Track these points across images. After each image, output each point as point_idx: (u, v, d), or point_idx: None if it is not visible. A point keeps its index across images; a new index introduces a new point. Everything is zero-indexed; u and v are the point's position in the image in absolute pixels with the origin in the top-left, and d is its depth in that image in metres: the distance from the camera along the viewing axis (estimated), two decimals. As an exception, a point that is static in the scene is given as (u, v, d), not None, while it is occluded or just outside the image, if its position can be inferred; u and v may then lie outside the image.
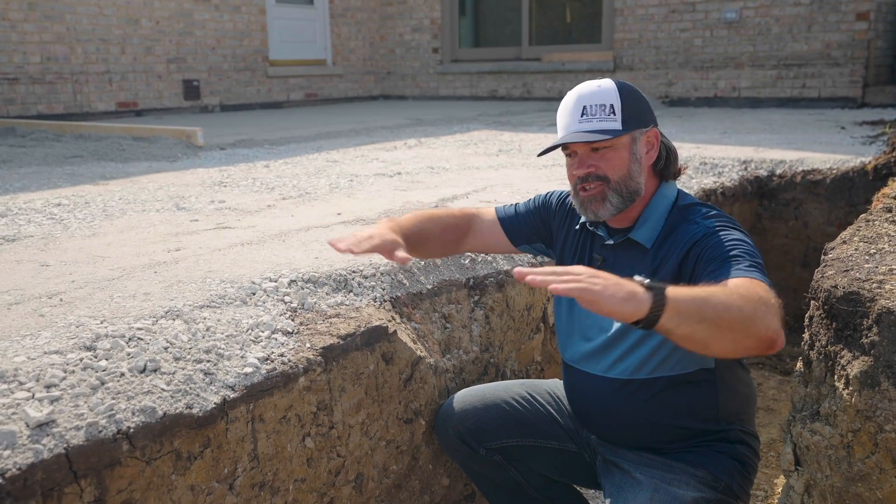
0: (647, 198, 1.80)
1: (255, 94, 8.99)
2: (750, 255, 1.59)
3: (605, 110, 1.73)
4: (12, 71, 6.95)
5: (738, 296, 1.41)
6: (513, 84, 9.47)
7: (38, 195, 3.47)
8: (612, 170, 1.75)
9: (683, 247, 1.70)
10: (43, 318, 1.76)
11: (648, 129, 1.78)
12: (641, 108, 1.77)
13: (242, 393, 1.57)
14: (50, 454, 1.27)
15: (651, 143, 1.79)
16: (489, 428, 2.00)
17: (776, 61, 7.71)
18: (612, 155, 1.75)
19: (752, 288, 1.44)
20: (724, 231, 1.67)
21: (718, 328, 1.38)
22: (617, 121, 1.73)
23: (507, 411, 2.02)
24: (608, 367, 1.83)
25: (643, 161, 1.78)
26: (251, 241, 2.54)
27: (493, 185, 3.64)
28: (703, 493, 1.72)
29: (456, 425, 2.03)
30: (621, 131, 1.72)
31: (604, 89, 1.75)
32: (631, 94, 1.77)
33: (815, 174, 4.13)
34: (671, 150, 1.84)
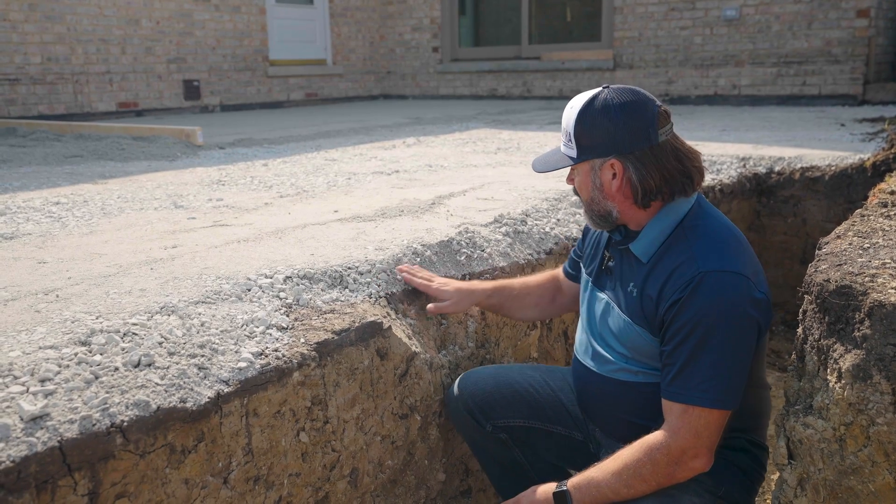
0: (646, 213, 1.76)
1: (255, 93, 9.01)
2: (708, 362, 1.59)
3: (567, 137, 1.77)
4: (13, 71, 6.97)
5: (639, 476, 1.64)
6: (513, 83, 9.48)
7: (38, 194, 3.48)
8: (580, 192, 1.83)
9: (671, 292, 1.65)
10: (39, 313, 1.77)
11: (608, 159, 1.71)
12: (603, 137, 1.69)
13: (236, 387, 1.58)
14: (44, 447, 1.27)
15: (615, 172, 1.72)
16: (498, 406, 2.04)
17: (776, 59, 7.71)
18: (578, 179, 1.81)
19: (656, 456, 1.63)
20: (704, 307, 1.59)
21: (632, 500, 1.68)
22: (573, 149, 1.75)
23: (518, 392, 2.05)
24: (609, 369, 1.84)
25: (606, 190, 1.75)
26: (248, 238, 2.54)
27: (490, 183, 3.65)
28: (702, 498, 1.71)
29: (466, 399, 2.07)
30: (574, 161, 1.76)
31: (571, 111, 1.75)
32: (592, 120, 1.70)
33: (813, 171, 4.13)
34: (633, 183, 1.70)
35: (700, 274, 1.61)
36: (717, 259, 1.63)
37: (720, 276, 1.61)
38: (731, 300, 1.60)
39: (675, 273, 1.66)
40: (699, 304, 1.60)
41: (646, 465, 1.64)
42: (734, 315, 1.60)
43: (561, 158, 1.80)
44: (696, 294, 1.61)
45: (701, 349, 1.60)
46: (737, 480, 1.77)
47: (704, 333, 1.60)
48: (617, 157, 1.71)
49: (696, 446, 1.62)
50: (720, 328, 1.59)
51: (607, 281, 1.87)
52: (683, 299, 1.62)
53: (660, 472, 1.64)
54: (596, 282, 1.90)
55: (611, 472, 1.68)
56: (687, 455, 1.63)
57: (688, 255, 1.66)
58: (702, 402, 1.60)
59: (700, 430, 1.62)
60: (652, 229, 1.75)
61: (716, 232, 1.71)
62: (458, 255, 2.47)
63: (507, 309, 2.21)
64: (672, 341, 1.65)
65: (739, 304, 1.60)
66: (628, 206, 1.76)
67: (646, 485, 1.65)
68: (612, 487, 1.67)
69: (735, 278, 1.61)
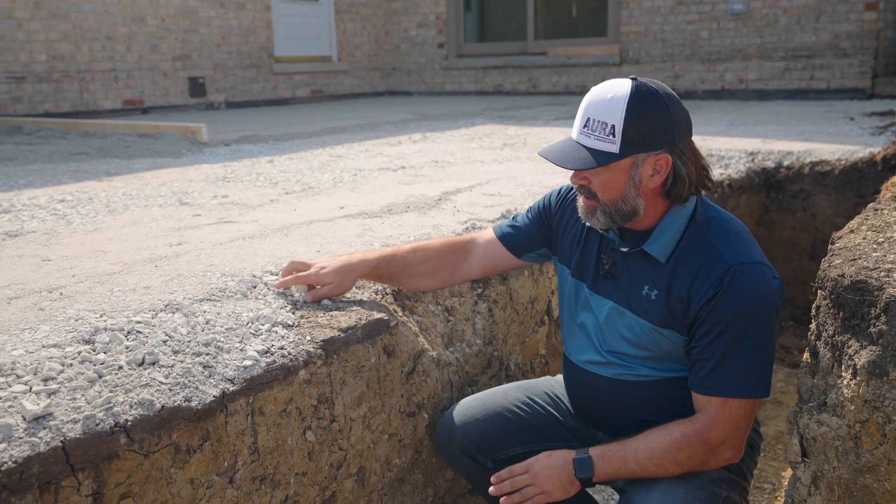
0: (659, 212, 1.70)
1: (260, 91, 8.99)
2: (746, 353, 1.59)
3: (605, 129, 1.59)
4: (19, 69, 6.97)
5: (662, 459, 1.66)
6: (518, 79, 9.44)
7: (43, 191, 3.48)
8: (603, 191, 1.66)
9: (703, 290, 1.62)
10: (42, 311, 1.75)
11: (657, 154, 1.61)
12: (654, 128, 1.59)
13: (242, 386, 1.56)
14: (47, 447, 1.25)
15: (659, 167, 1.63)
16: (494, 439, 1.96)
17: (784, 53, 7.65)
18: (606, 176, 1.64)
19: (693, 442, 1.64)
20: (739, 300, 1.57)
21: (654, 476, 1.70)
22: (615, 143, 1.58)
23: (510, 419, 1.98)
24: (617, 372, 1.81)
25: (643, 185, 1.64)
26: (253, 235, 2.53)
27: (497, 179, 3.62)
28: (719, 473, 1.73)
29: (460, 440, 1.98)
30: (615, 157, 1.59)
31: (613, 102, 1.59)
32: (644, 110, 1.58)
33: (823, 165, 4.09)
34: (681, 176, 1.64)
35: (731, 268, 1.60)
36: (741, 251, 1.62)
37: (749, 267, 1.60)
38: (762, 291, 1.60)
39: (703, 269, 1.63)
40: (734, 297, 1.59)
41: (682, 450, 1.65)
42: (765, 305, 1.60)
43: (598, 155, 1.60)
44: (731, 288, 1.59)
45: (738, 342, 1.60)
46: (746, 455, 1.81)
47: (741, 326, 1.59)
48: (668, 150, 1.62)
49: (734, 437, 1.64)
50: (755, 320, 1.59)
51: (609, 285, 1.79)
52: (720, 294, 1.60)
53: (694, 459, 1.65)
54: (594, 287, 1.83)
55: (641, 449, 1.68)
56: (724, 446, 1.64)
57: (710, 249, 1.64)
58: (742, 394, 1.61)
59: (738, 420, 1.63)
60: (667, 228, 1.69)
61: (728, 224, 1.69)
62: (465, 252, 2.45)
63: (397, 279, 2.04)
64: (707, 337, 1.63)
65: (768, 294, 1.61)
66: (654, 203, 1.69)
67: (677, 467, 1.66)
68: (640, 464, 1.68)
69: (760, 269, 1.61)
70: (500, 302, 2.43)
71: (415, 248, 2.05)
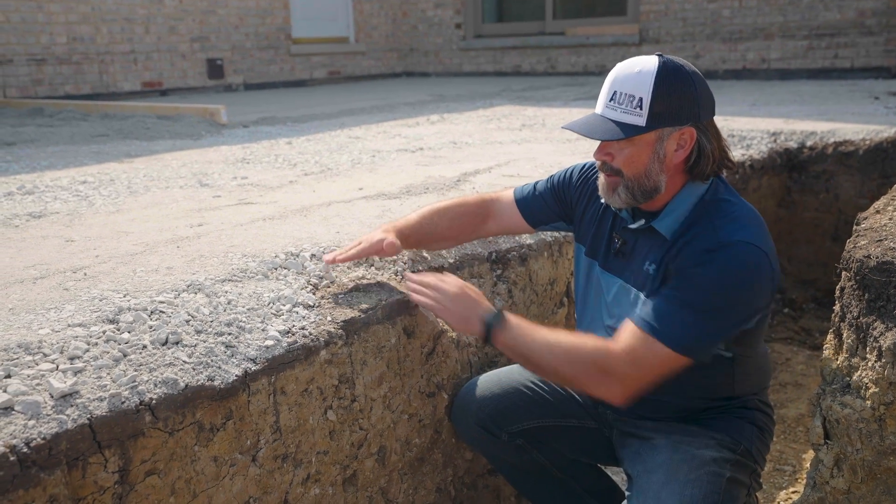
0: (674, 190, 1.70)
1: (278, 72, 8.99)
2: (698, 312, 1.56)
3: (632, 102, 1.60)
4: (39, 52, 7.00)
5: (567, 355, 1.65)
6: (537, 59, 9.36)
7: (65, 173, 3.50)
8: (628, 166, 1.66)
9: (687, 256, 1.62)
10: (67, 291, 1.77)
11: (682, 128, 1.62)
12: (681, 103, 1.60)
13: (264, 365, 1.57)
14: (74, 424, 1.27)
15: (684, 142, 1.64)
16: (509, 412, 1.98)
17: (807, 31, 7.52)
18: (630, 151, 1.64)
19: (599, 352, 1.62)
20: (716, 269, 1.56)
21: (543, 372, 1.75)
22: (642, 116, 1.59)
23: (526, 393, 2.00)
24: None
25: (668, 160, 1.64)
26: (273, 216, 2.54)
27: (516, 160, 3.61)
28: (722, 454, 1.72)
29: (476, 413, 2.01)
30: (643, 129, 1.59)
31: (641, 76, 1.59)
32: (672, 84, 1.59)
33: (847, 145, 4.03)
34: (704, 152, 1.65)
35: (720, 244, 1.58)
36: (740, 232, 1.60)
37: (742, 246, 1.57)
38: (745, 270, 1.56)
39: (695, 241, 1.62)
40: (714, 266, 1.56)
41: (580, 357, 1.64)
42: (743, 286, 1.57)
43: (625, 127, 1.60)
44: (712, 257, 1.57)
45: (696, 299, 1.57)
46: (755, 437, 1.79)
47: (706, 290, 1.57)
48: (694, 125, 1.63)
49: (629, 377, 1.61)
50: (725, 293, 1.56)
51: (620, 264, 1.80)
52: (700, 259, 1.58)
53: (585, 371, 1.64)
54: (605, 265, 1.84)
55: (551, 336, 1.69)
56: (615, 379, 1.61)
57: (709, 227, 1.63)
58: (662, 338, 1.57)
59: (643, 363, 1.59)
60: (678, 205, 1.69)
61: (738, 210, 1.67)
62: (485, 233, 2.44)
63: (425, 245, 2.11)
64: (670, 283, 1.62)
65: (753, 277, 1.57)
66: (674, 181, 1.69)
67: (568, 369, 1.65)
68: (542, 348, 1.68)
69: (754, 250, 1.58)
70: (519, 283, 2.42)
71: (439, 211, 2.06)
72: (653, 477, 1.70)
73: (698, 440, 1.74)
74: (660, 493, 1.66)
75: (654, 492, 1.67)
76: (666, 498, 1.64)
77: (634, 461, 1.79)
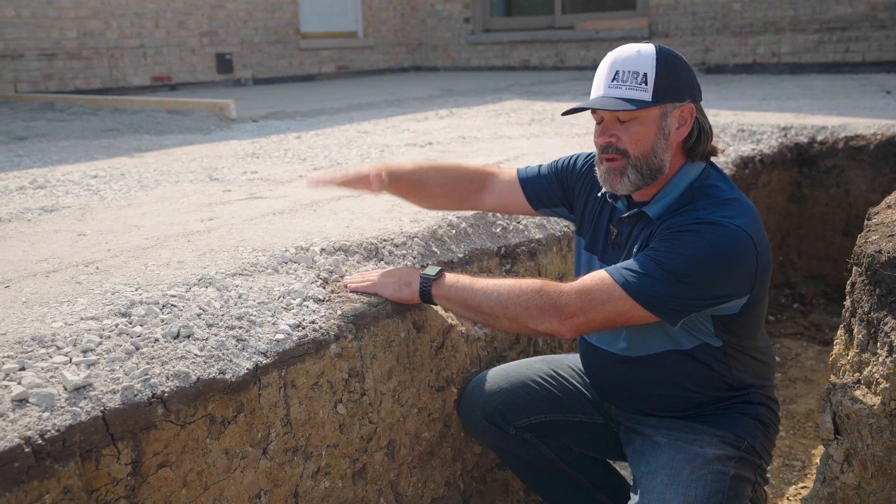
0: (670, 175, 1.73)
1: (286, 66, 9.00)
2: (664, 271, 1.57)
3: (637, 78, 1.64)
4: (50, 46, 7.04)
5: (508, 294, 1.67)
6: (545, 53, 9.34)
7: (76, 167, 3.52)
8: (634, 144, 1.67)
9: (664, 229, 1.65)
10: (80, 285, 1.79)
11: (683, 104, 1.68)
12: (680, 81, 1.67)
13: (274, 359, 1.58)
14: (87, 416, 1.28)
15: (684, 119, 1.69)
16: (517, 406, 1.98)
17: (818, 25, 7.48)
18: (637, 128, 1.66)
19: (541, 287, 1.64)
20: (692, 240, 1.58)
21: (485, 317, 1.74)
22: (647, 91, 1.63)
23: (534, 388, 2.00)
24: (615, 344, 1.82)
25: (671, 137, 1.68)
26: (283, 210, 2.55)
27: (525, 154, 3.60)
28: (725, 451, 1.72)
29: (483, 406, 2.02)
30: (649, 103, 1.63)
31: (642, 55, 1.65)
32: (671, 63, 1.66)
33: (858, 140, 4.01)
34: (704, 129, 1.72)
35: (697, 221, 1.60)
36: (720, 212, 1.62)
37: (722, 224, 1.58)
38: (722, 247, 1.57)
39: (676, 218, 1.65)
40: (690, 238, 1.58)
41: (524, 290, 1.67)
42: (719, 261, 1.57)
43: (631, 101, 1.63)
44: (693, 231, 1.59)
45: (665, 261, 1.58)
46: (759, 433, 1.79)
47: (678, 255, 1.58)
48: (692, 101, 1.69)
49: (579, 311, 1.63)
50: (696, 262, 1.57)
51: (616, 256, 1.81)
52: (677, 230, 1.61)
53: (528, 304, 1.65)
54: (603, 258, 1.86)
55: (488, 280, 1.74)
56: (564, 310, 1.63)
57: (691, 209, 1.66)
58: (626, 286, 1.59)
59: (596, 302, 1.61)
60: (671, 190, 1.72)
61: (725, 192, 1.69)
62: (494, 227, 2.45)
63: (414, 193, 2.07)
64: (646, 250, 1.64)
65: (730, 254, 1.57)
66: (675, 161, 1.72)
67: (511, 306, 1.67)
68: (479, 289, 1.72)
69: (737, 232, 1.58)
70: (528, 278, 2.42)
71: (434, 167, 2.09)
72: (656, 478, 1.70)
73: (701, 438, 1.74)
74: (664, 493, 1.65)
75: (658, 493, 1.67)
76: (670, 498, 1.64)
77: (638, 461, 1.79)
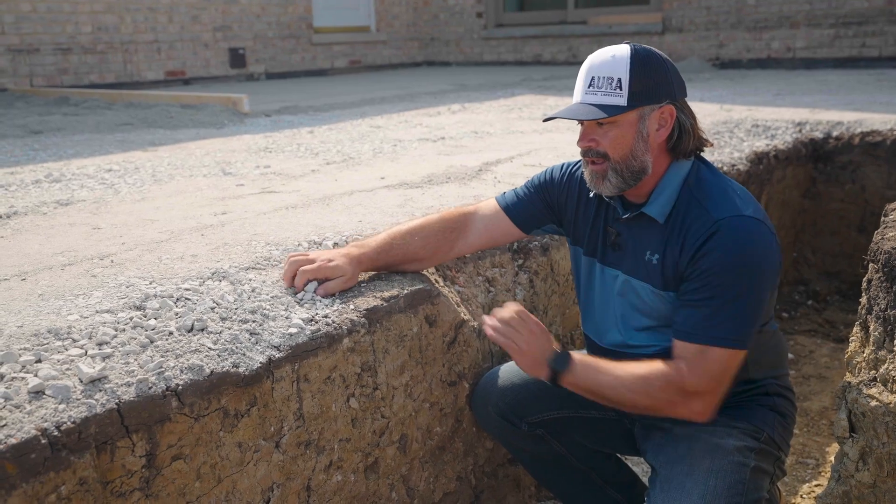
0: (660, 173, 1.73)
1: (299, 61, 9.01)
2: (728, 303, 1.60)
3: (611, 84, 1.65)
4: (65, 41, 7.07)
5: (634, 384, 1.66)
6: (558, 48, 9.30)
7: (91, 161, 3.55)
8: (614, 148, 1.68)
9: (691, 246, 1.65)
10: (95, 278, 1.80)
11: (661, 106, 1.67)
12: (657, 82, 1.66)
13: (287, 353, 1.58)
14: (103, 409, 1.29)
15: (664, 121, 1.69)
16: (529, 402, 1.98)
17: (834, 19, 7.41)
18: (615, 132, 1.67)
19: (666, 374, 1.63)
20: (724, 252, 1.60)
21: (614, 404, 1.73)
22: (622, 96, 1.63)
23: (546, 385, 1.98)
24: (632, 346, 1.82)
25: (651, 139, 1.68)
26: (296, 204, 2.55)
27: (537, 150, 3.59)
28: (745, 443, 1.73)
29: (496, 402, 2.01)
30: (624, 108, 1.64)
31: (616, 59, 1.65)
32: (647, 65, 1.65)
33: (874, 136, 3.98)
34: (685, 128, 1.71)
35: (716, 222, 1.63)
36: (728, 206, 1.65)
37: (736, 220, 1.62)
38: (748, 243, 1.61)
39: (693, 227, 1.67)
40: (720, 250, 1.61)
41: (656, 385, 1.65)
42: (751, 256, 1.61)
43: (607, 108, 1.64)
44: (717, 240, 1.62)
45: (723, 291, 1.61)
46: (778, 424, 1.80)
47: (725, 277, 1.60)
48: (671, 102, 1.69)
49: (709, 391, 1.64)
50: (742, 270, 1.60)
51: (618, 256, 1.81)
52: (706, 246, 1.63)
53: (664, 399, 1.65)
54: (603, 260, 1.85)
55: (619, 369, 1.70)
56: (697, 397, 1.64)
57: (700, 209, 1.67)
58: (719, 343, 1.61)
59: (716, 373, 1.62)
60: (665, 188, 1.73)
61: (717, 182, 1.73)
62: (506, 223, 2.44)
63: (396, 266, 1.96)
64: (692, 285, 1.65)
65: (757, 246, 1.62)
66: (659, 162, 1.72)
67: (647, 400, 1.67)
68: (613, 382, 1.68)
69: (750, 221, 1.63)
70: (541, 273, 2.42)
71: (411, 230, 1.94)
72: (676, 468, 1.70)
73: (720, 429, 1.74)
74: (684, 483, 1.66)
75: (677, 482, 1.67)
76: (690, 488, 1.64)
77: (657, 452, 1.79)
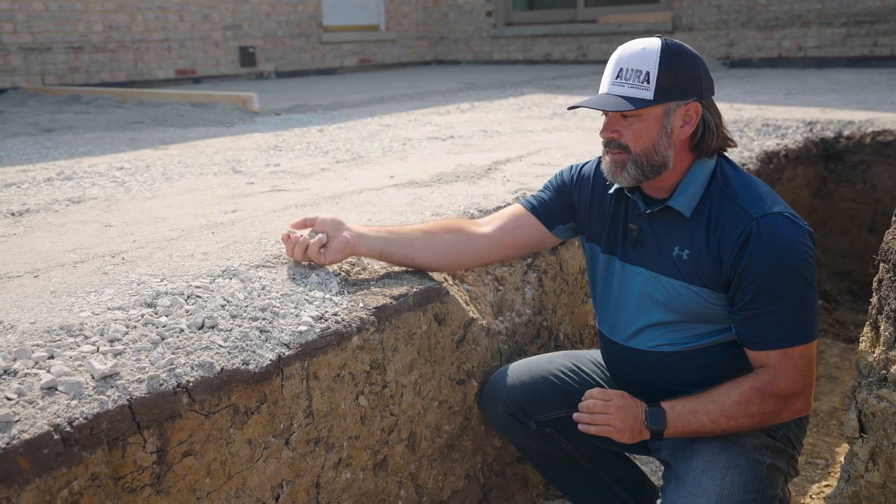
0: (682, 169, 1.73)
1: (309, 60, 9.03)
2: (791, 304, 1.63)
3: (639, 76, 1.64)
4: (77, 40, 7.11)
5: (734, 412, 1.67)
6: (567, 47, 9.29)
7: (102, 159, 3.57)
8: (636, 141, 1.68)
9: (731, 244, 1.64)
10: (106, 275, 1.81)
11: (688, 103, 1.67)
12: (686, 78, 1.65)
13: (297, 350, 1.59)
14: (114, 405, 1.30)
15: (689, 118, 1.68)
16: (538, 401, 1.98)
17: (846, 18, 7.37)
18: (639, 125, 1.67)
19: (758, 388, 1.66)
20: (771, 256, 1.61)
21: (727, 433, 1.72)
22: (649, 90, 1.63)
23: (555, 383, 1.99)
24: (652, 344, 1.81)
25: (675, 135, 1.68)
26: (305, 203, 2.56)
27: (547, 148, 3.59)
28: (761, 440, 1.74)
29: (505, 400, 2.01)
30: (650, 102, 1.63)
31: (646, 52, 1.64)
32: (677, 60, 1.64)
33: (886, 135, 3.95)
34: (710, 127, 1.70)
35: (755, 220, 1.63)
36: (762, 203, 1.66)
37: (773, 218, 1.64)
38: (790, 239, 1.63)
39: (729, 224, 1.67)
40: (766, 250, 1.62)
41: (753, 403, 1.67)
42: (797, 251, 1.63)
43: (633, 101, 1.64)
44: (760, 241, 1.62)
45: (781, 292, 1.63)
46: (792, 422, 1.80)
47: (780, 277, 1.62)
48: (697, 100, 1.68)
49: (803, 386, 1.68)
50: (791, 268, 1.62)
51: (639, 253, 1.80)
52: (750, 248, 1.63)
53: (766, 411, 1.68)
54: (625, 257, 1.83)
55: (711, 402, 1.70)
56: (795, 396, 1.68)
57: (733, 205, 1.68)
58: (799, 341, 1.65)
59: (803, 368, 1.66)
60: (691, 182, 1.73)
61: (746, 180, 1.74)
62: (516, 221, 2.44)
63: (397, 263, 1.96)
64: (748, 293, 1.65)
65: (797, 240, 1.63)
66: (681, 158, 1.72)
67: (749, 420, 1.69)
68: (711, 416, 1.69)
69: (784, 218, 1.64)
70: (549, 272, 2.42)
71: (419, 230, 1.95)
72: (692, 464, 1.71)
73: None
74: (700, 478, 1.66)
75: (693, 477, 1.68)
76: (707, 483, 1.65)
77: (673, 448, 1.79)
